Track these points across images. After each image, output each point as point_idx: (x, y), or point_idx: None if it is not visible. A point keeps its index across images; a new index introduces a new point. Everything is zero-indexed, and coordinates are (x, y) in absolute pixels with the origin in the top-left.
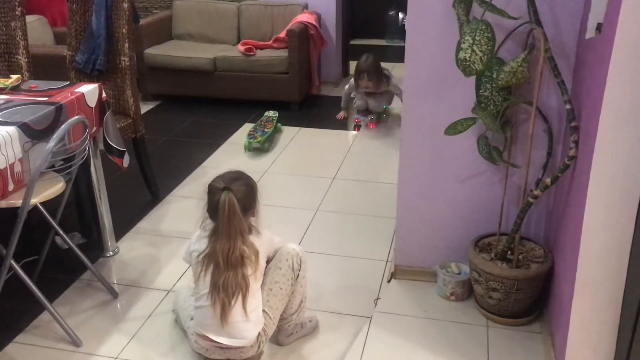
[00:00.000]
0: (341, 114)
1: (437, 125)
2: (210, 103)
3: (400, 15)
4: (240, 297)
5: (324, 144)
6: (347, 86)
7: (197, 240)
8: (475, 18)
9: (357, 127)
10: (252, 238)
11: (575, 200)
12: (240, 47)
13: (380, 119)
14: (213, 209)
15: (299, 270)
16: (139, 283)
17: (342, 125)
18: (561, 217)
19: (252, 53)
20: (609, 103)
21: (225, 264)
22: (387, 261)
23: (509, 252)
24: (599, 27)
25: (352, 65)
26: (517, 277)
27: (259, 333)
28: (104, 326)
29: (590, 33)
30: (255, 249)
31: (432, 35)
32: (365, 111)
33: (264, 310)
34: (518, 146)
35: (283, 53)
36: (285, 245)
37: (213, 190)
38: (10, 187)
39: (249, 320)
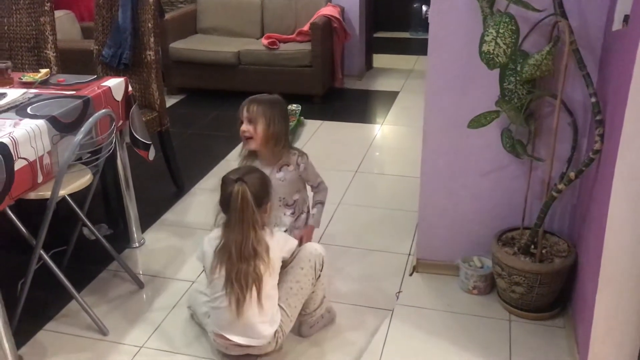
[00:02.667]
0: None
1: (460, 118)
2: (234, 96)
3: (424, 7)
4: (254, 291)
5: (347, 137)
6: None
7: (210, 240)
8: (499, 10)
9: None
10: (265, 235)
11: (600, 194)
12: (264, 41)
13: None
14: (226, 201)
15: (321, 270)
16: (164, 274)
17: (366, 118)
18: (585, 211)
19: (275, 46)
20: (635, 96)
21: (238, 256)
22: (409, 254)
23: (532, 246)
24: (626, 19)
25: (376, 58)
26: (540, 271)
27: (276, 330)
28: (129, 316)
29: (617, 25)
30: (265, 245)
31: (456, 28)
32: None
33: (281, 307)
34: (542, 139)
35: (306, 46)
36: (307, 245)
37: (227, 182)
38: (40, 179)
39: (265, 321)
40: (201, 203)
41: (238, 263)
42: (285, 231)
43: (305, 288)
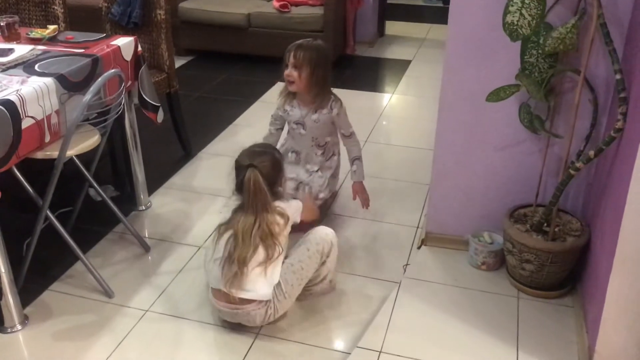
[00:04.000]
0: None
1: (478, 90)
2: (243, 60)
3: None
4: (256, 265)
5: (357, 105)
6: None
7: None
8: None
9: None
10: (280, 204)
11: (619, 174)
12: (275, 3)
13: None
14: (239, 185)
15: (327, 257)
16: (170, 238)
17: (376, 86)
18: (602, 191)
19: (286, 9)
20: None
21: (247, 239)
22: (417, 227)
23: (545, 224)
24: None
25: (389, 25)
26: (552, 249)
27: (268, 301)
28: (135, 279)
29: None
30: (285, 214)
31: None
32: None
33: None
34: (561, 116)
35: (318, 10)
36: (319, 229)
37: (239, 168)
38: (47, 138)
39: (264, 277)
40: (209, 167)
41: (243, 246)
42: (317, 170)
43: (306, 269)
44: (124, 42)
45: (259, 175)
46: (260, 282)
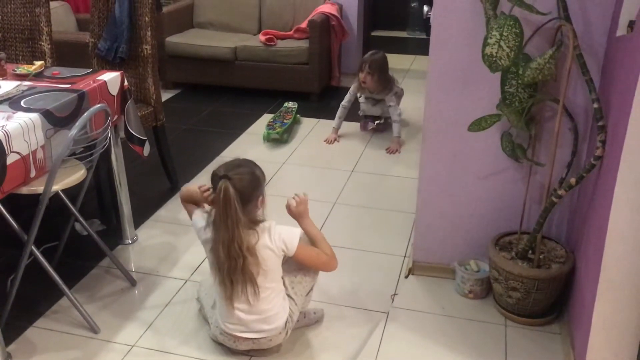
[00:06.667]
0: (331, 136)
1: (460, 120)
2: (230, 92)
3: (425, 8)
4: (248, 286)
5: (343, 136)
6: (350, 88)
7: (200, 218)
8: (503, 13)
9: (365, 127)
10: (260, 231)
11: (600, 200)
12: (261, 37)
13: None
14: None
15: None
16: (156, 271)
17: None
18: (585, 218)
19: (272, 43)
20: (639, 102)
21: (226, 254)
22: (404, 256)
23: (530, 252)
24: (630, 25)
25: None
26: (537, 277)
27: (287, 320)
28: (121, 314)
29: (621, 30)
30: (251, 245)
31: (458, 29)
32: (372, 116)
33: (290, 297)
34: (542, 144)
35: (304, 44)
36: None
37: (214, 179)
38: (32, 173)
39: (271, 314)
40: None
41: (226, 261)
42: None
43: (307, 275)
44: (110, 77)
45: (230, 188)
46: (268, 319)
